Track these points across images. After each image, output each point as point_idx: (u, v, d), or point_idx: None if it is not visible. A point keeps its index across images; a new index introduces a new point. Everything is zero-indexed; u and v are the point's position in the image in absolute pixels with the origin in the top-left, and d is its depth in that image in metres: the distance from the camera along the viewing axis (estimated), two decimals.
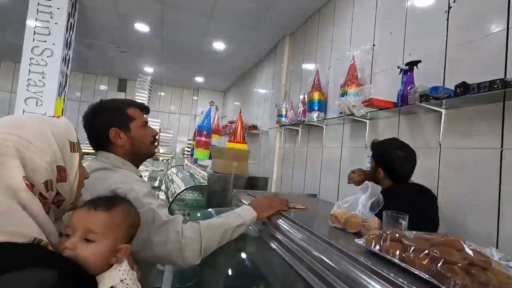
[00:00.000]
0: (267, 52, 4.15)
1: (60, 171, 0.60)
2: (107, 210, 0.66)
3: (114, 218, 0.66)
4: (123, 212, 0.69)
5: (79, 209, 0.65)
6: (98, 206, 0.65)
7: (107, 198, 0.71)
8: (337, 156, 2.30)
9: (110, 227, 0.64)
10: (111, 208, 0.67)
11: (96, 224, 0.63)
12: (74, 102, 6.51)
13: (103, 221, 0.64)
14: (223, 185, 1.82)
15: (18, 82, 2.70)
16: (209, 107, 3.13)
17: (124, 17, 3.49)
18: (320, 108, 2.49)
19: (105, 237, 0.63)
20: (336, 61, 2.49)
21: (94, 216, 0.64)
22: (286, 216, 0.86)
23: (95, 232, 0.62)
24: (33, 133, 0.56)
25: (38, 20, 2.74)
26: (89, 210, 0.64)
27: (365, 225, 0.71)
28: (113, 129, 1.01)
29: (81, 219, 0.63)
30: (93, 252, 0.60)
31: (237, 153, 1.87)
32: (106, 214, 0.65)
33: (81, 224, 0.62)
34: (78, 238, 0.60)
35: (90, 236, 0.61)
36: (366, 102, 1.60)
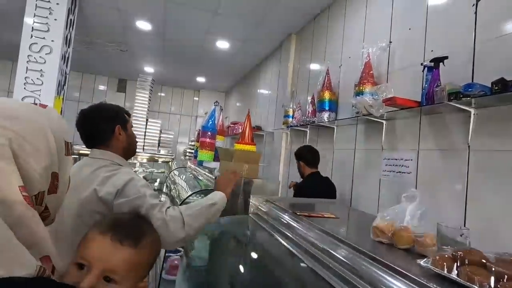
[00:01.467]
0: (272, 51, 4.06)
1: (54, 180, 0.48)
2: (135, 245, 0.55)
3: (142, 256, 0.56)
4: (152, 246, 0.59)
5: (100, 238, 0.53)
6: (125, 239, 0.54)
7: (134, 227, 0.60)
8: (349, 158, 2.20)
9: (137, 267, 0.54)
10: (139, 242, 0.56)
11: (122, 263, 0.52)
12: (72, 103, 6.39)
13: (130, 259, 0.53)
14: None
15: (13, 80, 2.59)
16: (214, 107, 3.03)
17: (125, 14, 3.38)
18: (331, 108, 2.39)
19: (129, 278, 0.53)
20: (347, 59, 2.39)
21: (119, 252, 0.53)
22: (319, 228, 0.75)
23: (118, 273, 0.51)
24: (29, 128, 0.43)
25: (36, 16, 2.63)
26: (114, 243, 0.53)
27: (419, 240, 0.61)
28: (118, 126, 1.14)
29: (103, 253, 0.52)
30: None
31: (248, 155, 1.76)
32: (134, 251, 0.54)
33: (103, 260, 0.51)
34: (97, 277, 0.50)
35: (112, 276, 0.51)
36: (388, 101, 1.50)
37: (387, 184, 1.82)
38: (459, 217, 1.34)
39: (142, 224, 0.63)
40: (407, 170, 1.68)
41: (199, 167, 2.69)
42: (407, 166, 1.69)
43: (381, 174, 1.86)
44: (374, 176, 1.93)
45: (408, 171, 1.67)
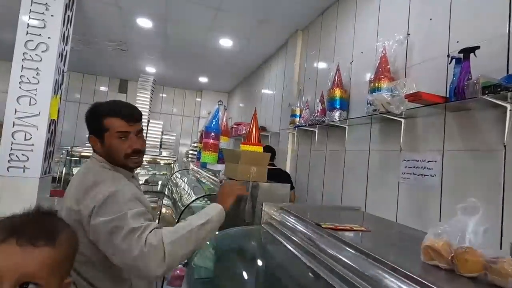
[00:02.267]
0: (277, 49, 3.93)
1: None
2: (52, 243, 0.47)
3: (62, 252, 0.49)
4: (70, 239, 0.52)
5: (5, 247, 0.44)
6: (37, 240, 0.46)
7: (43, 223, 0.51)
8: (363, 159, 2.06)
9: (59, 265, 0.48)
10: (56, 238, 0.49)
11: (39, 266, 0.45)
12: (73, 104, 6.30)
13: (49, 259, 0.46)
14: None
15: (5, 81, 2.48)
16: (217, 107, 2.89)
17: (126, 11, 3.27)
18: (342, 106, 2.25)
19: (52, 279, 0.46)
20: (359, 55, 2.25)
21: (33, 255, 0.45)
22: (356, 247, 0.61)
23: (38, 277, 0.44)
24: None
25: (32, 12, 2.51)
26: (24, 247, 0.44)
27: (493, 267, 0.47)
28: (91, 137, 1.01)
29: (12, 261, 0.43)
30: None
31: (255, 157, 1.62)
32: (52, 249, 0.47)
33: (13, 270, 0.43)
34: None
35: (32, 281, 0.43)
36: (411, 97, 1.36)
37: (407, 187, 1.67)
38: (494, 227, 1.19)
39: (51, 219, 0.53)
40: (431, 172, 1.54)
41: (203, 170, 2.56)
42: (430, 168, 1.54)
43: (399, 177, 1.72)
44: (391, 179, 1.79)
45: (431, 174, 1.53)
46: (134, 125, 1.00)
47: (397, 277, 0.49)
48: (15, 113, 2.45)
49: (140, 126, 1.04)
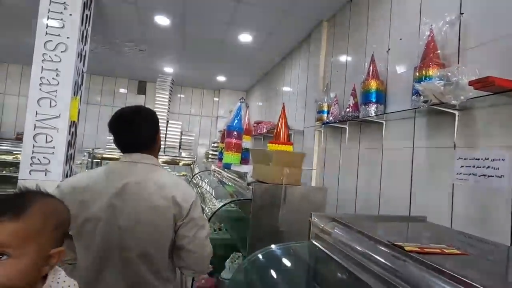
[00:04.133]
0: (299, 42, 3.73)
1: None
2: (17, 217, 0.52)
3: (31, 224, 0.53)
4: (42, 213, 0.56)
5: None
6: (3, 214, 0.51)
7: (16, 197, 0.56)
8: (405, 158, 1.83)
9: (31, 236, 0.53)
10: (22, 212, 0.53)
11: (5, 237, 0.50)
12: (94, 106, 6.38)
13: (15, 231, 0.51)
14: (272, 198, 1.41)
15: (23, 84, 2.45)
16: (239, 104, 2.75)
17: (143, 8, 3.19)
18: (379, 99, 2.03)
19: (26, 249, 0.52)
20: (398, 41, 2.02)
21: (1, 226, 0.51)
22: (465, 281, 0.43)
23: (7, 246, 0.50)
24: None
25: (51, 12, 2.46)
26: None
27: None
28: (158, 132, 1.23)
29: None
30: (13, 271, 0.49)
31: (288, 157, 1.45)
32: (16, 223, 0.52)
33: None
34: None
35: (3, 251, 0.50)
36: (479, 83, 1.14)
37: (465, 190, 1.44)
38: None
39: (26, 196, 0.58)
40: (497, 173, 1.30)
41: (226, 171, 2.42)
42: (495, 168, 1.31)
43: (454, 178, 1.49)
44: (443, 180, 1.56)
45: (497, 174, 1.30)
46: None
47: None
48: (36, 115, 2.41)
49: None
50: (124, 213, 1.02)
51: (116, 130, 1.14)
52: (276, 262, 0.77)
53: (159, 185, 1.07)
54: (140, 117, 1.16)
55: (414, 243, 0.59)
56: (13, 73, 5.99)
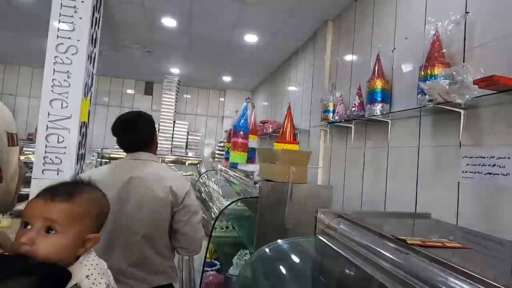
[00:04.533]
0: (304, 42, 3.75)
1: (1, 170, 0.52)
2: (67, 200, 0.61)
3: (76, 208, 0.61)
4: (89, 200, 0.65)
5: (36, 199, 0.59)
6: (55, 197, 0.60)
7: (65, 187, 0.65)
8: (411, 157, 1.84)
9: (77, 219, 0.60)
10: (71, 197, 0.62)
11: (58, 214, 0.58)
12: (102, 107, 6.48)
13: (68, 212, 0.59)
14: (279, 196, 1.44)
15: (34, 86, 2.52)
16: (245, 104, 2.78)
17: (151, 11, 3.24)
18: (384, 98, 2.05)
19: (69, 227, 0.58)
20: (403, 41, 2.03)
21: (52, 207, 0.58)
22: (463, 271, 0.45)
23: (57, 223, 0.57)
24: None
25: (62, 16, 2.53)
26: (46, 201, 0.59)
27: None
28: (155, 133, 1.45)
29: (38, 210, 0.58)
30: (57, 243, 0.56)
31: (295, 156, 1.48)
32: (66, 204, 0.60)
33: (38, 216, 0.57)
34: (36, 231, 0.55)
35: (51, 226, 0.57)
36: (483, 82, 1.15)
37: (471, 188, 1.45)
38: None
39: (76, 185, 0.67)
40: (502, 171, 1.31)
41: (232, 170, 2.45)
42: (501, 166, 1.32)
43: (460, 177, 1.50)
44: (449, 178, 1.57)
45: (503, 173, 1.31)
46: None
47: None
48: (48, 116, 2.48)
49: None
50: (130, 201, 1.23)
51: (120, 133, 1.35)
52: (283, 256, 0.80)
53: (158, 177, 1.28)
54: (141, 121, 1.38)
55: (407, 235, 0.62)
56: (24, 75, 6.13)
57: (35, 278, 0.45)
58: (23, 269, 0.45)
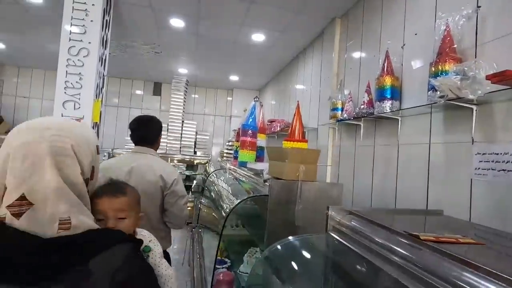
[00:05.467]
0: (312, 40, 3.74)
1: (93, 171, 0.70)
2: (123, 194, 0.86)
3: (130, 198, 0.88)
4: (132, 191, 0.92)
5: (103, 199, 0.79)
6: (117, 193, 0.84)
7: (116, 185, 0.89)
8: (422, 154, 1.82)
9: (131, 204, 0.87)
10: (124, 191, 0.88)
11: (123, 205, 0.84)
12: (112, 108, 6.59)
13: (127, 202, 0.86)
14: (289, 194, 1.45)
15: (46, 88, 2.58)
16: (254, 103, 2.79)
17: (159, 12, 3.28)
18: (394, 95, 2.03)
19: (131, 213, 0.86)
20: (413, 37, 2.01)
21: (117, 201, 0.82)
22: (477, 265, 0.45)
23: (124, 211, 0.83)
24: (80, 137, 0.66)
25: (73, 19, 2.59)
26: (112, 197, 0.82)
27: None
28: (160, 136, 1.89)
29: (109, 205, 0.80)
30: (128, 225, 0.84)
31: (304, 155, 1.49)
32: (125, 197, 0.86)
33: (112, 209, 0.80)
34: (114, 219, 0.80)
35: (122, 215, 0.83)
36: (496, 77, 1.13)
37: (484, 185, 1.43)
38: None
39: (119, 183, 0.93)
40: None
41: (241, 169, 2.47)
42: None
43: (473, 173, 1.48)
44: (461, 175, 1.55)
45: None
46: None
47: None
48: (61, 117, 2.54)
49: None
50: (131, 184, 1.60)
51: (134, 127, 1.77)
52: (294, 253, 0.81)
53: (152, 167, 1.65)
54: (151, 123, 1.82)
55: (420, 231, 0.62)
56: (37, 77, 6.28)
57: (132, 244, 0.66)
58: (125, 238, 0.66)
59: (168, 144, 5.10)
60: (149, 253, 0.86)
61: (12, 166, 0.58)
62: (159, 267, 0.87)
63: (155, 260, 0.87)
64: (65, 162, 0.60)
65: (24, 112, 6.22)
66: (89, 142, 0.68)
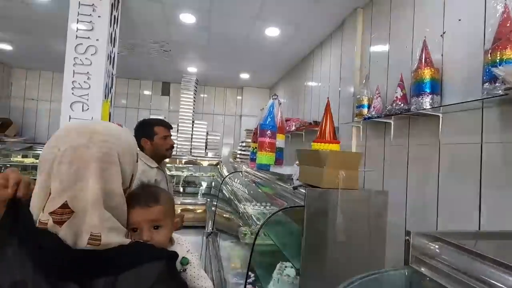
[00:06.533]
0: (329, 34, 3.53)
1: (132, 180, 0.71)
2: (158, 202, 0.79)
3: (164, 205, 0.80)
4: (167, 197, 0.84)
5: (136, 209, 0.74)
6: (150, 202, 0.77)
7: (149, 193, 0.80)
8: (472, 156, 1.61)
9: (166, 212, 0.80)
10: (158, 199, 0.80)
11: (158, 215, 0.77)
12: (120, 109, 6.48)
13: (161, 210, 0.78)
14: (327, 205, 1.25)
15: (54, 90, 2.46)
16: (272, 101, 2.60)
17: (170, 7, 3.12)
18: (434, 90, 1.82)
19: (166, 221, 0.80)
20: (455, 23, 1.79)
21: (151, 210, 0.76)
22: None
23: (160, 221, 0.77)
24: (125, 145, 0.67)
25: (80, 15, 2.44)
26: (146, 208, 0.76)
27: None
28: (143, 139, 1.95)
29: (143, 216, 0.74)
30: (164, 234, 0.79)
31: (345, 158, 1.29)
32: (160, 205, 0.79)
33: (146, 220, 0.75)
34: (148, 230, 0.75)
35: (156, 224, 0.77)
36: None
37: None
38: None
39: (152, 189, 0.85)
40: None
41: (262, 172, 2.29)
42: None
43: None
44: None
45: None
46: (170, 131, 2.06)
47: None
48: (69, 120, 2.40)
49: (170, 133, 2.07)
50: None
51: None
52: None
53: None
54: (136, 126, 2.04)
55: None
56: (45, 79, 6.21)
57: (164, 261, 0.61)
58: (155, 256, 0.61)
59: (178, 145, 4.95)
60: (187, 265, 0.80)
61: (58, 170, 0.57)
62: (198, 279, 0.81)
63: (194, 273, 0.81)
64: (109, 170, 0.60)
65: (33, 114, 6.16)
66: (132, 151, 0.68)
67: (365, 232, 1.28)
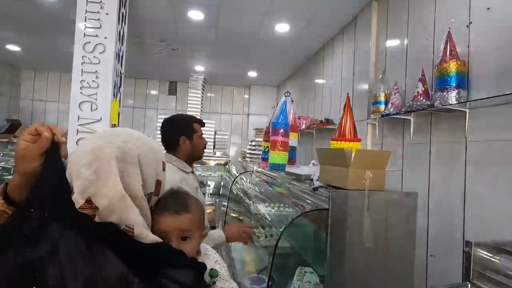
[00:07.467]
0: (342, 28, 3.42)
1: (158, 186, 0.68)
2: (188, 210, 0.74)
3: (194, 214, 0.75)
4: (196, 206, 0.78)
5: (164, 216, 0.70)
6: (179, 210, 0.73)
7: (179, 199, 0.76)
8: (503, 153, 1.50)
9: (196, 222, 0.76)
10: (188, 207, 0.75)
11: (185, 225, 0.72)
12: (128, 109, 6.46)
13: (191, 220, 0.74)
14: (353, 207, 1.17)
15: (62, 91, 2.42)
16: (284, 99, 2.52)
17: (178, 3, 3.05)
18: (460, 84, 1.71)
19: (195, 231, 0.75)
20: (483, 12, 1.68)
21: (180, 219, 0.72)
22: None
23: (188, 231, 0.73)
24: (147, 148, 0.65)
25: (88, 12, 2.39)
26: (175, 215, 0.71)
27: None
28: (182, 137, 1.60)
29: (171, 224, 0.70)
30: (192, 246, 0.74)
31: (371, 157, 1.21)
32: (190, 214, 0.74)
33: (175, 228, 0.70)
34: (176, 240, 0.70)
35: (185, 234, 0.72)
36: None
37: None
38: None
39: (181, 195, 0.79)
40: None
41: (276, 172, 2.21)
42: None
43: None
44: None
45: None
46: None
47: None
48: (78, 120, 2.35)
49: None
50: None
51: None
52: None
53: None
54: (170, 122, 1.66)
55: None
56: (53, 80, 6.22)
57: (193, 270, 0.59)
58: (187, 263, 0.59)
59: None
60: (217, 278, 0.77)
61: (78, 170, 0.58)
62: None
63: (223, 284, 0.78)
64: (128, 170, 0.60)
65: (41, 115, 6.19)
66: (157, 156, 0.67)
67: (394, 237, 1.19)
